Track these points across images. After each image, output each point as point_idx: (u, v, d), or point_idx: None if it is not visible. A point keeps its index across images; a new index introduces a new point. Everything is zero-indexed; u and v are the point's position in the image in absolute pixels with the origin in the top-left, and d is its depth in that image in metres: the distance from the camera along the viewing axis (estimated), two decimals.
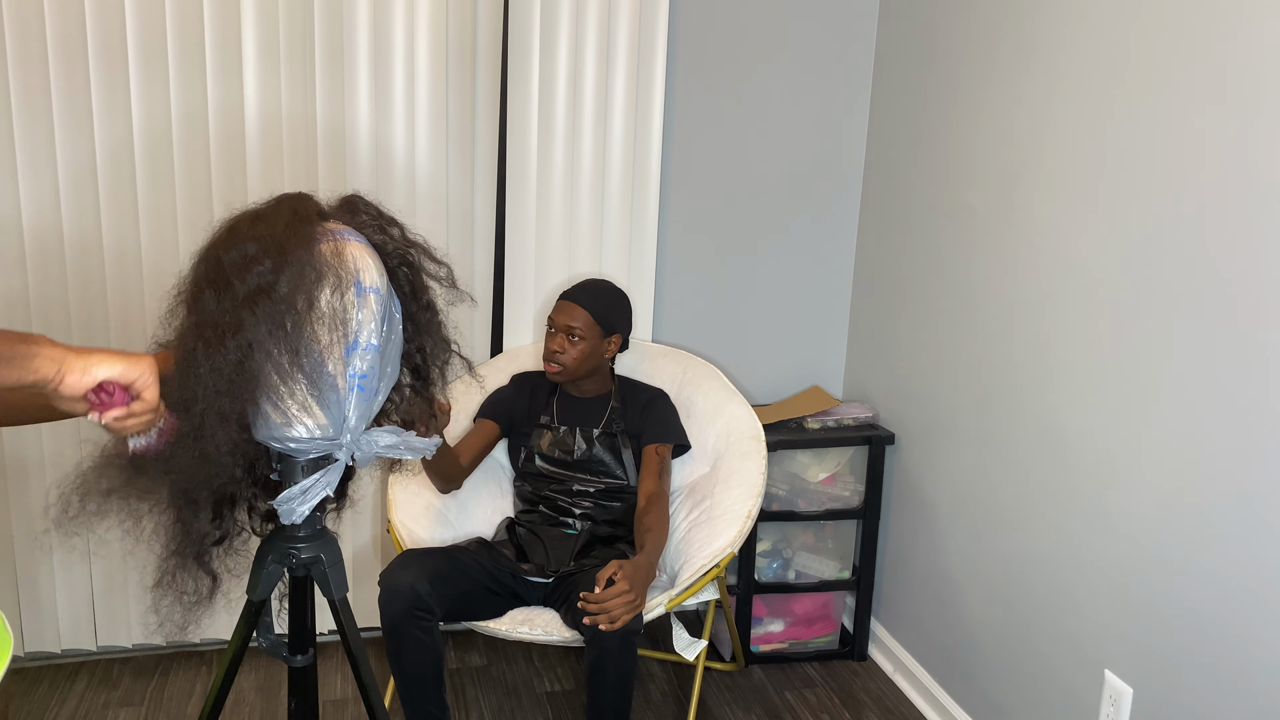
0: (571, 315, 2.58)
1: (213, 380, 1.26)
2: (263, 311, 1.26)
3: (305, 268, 1.29)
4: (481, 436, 2.66)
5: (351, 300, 1.32)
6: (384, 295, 1.37)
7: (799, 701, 2.87)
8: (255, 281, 1.28)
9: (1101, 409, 2.16)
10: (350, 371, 1.32)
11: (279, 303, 1.27)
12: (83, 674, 2.88)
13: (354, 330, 1.32)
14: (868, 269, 3.14)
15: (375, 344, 1.34)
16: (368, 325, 1.33)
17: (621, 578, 2.24)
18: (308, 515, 1.43)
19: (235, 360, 1.27)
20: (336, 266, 1.31)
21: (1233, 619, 1.86)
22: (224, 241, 1.32)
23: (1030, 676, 2.43)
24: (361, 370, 1.33)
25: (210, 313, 1.28)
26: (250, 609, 1.48)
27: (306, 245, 1.31)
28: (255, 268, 1.28)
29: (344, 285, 1.31)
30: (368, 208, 1.46)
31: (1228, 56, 1.83)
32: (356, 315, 1.32)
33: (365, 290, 1.33)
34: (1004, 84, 2.47)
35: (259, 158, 2.69)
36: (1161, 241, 1.99)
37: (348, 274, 1.32)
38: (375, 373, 1.35)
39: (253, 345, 1.27)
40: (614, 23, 2.83)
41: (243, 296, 1.27)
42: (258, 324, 1.26)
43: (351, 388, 1.33)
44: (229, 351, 1.26)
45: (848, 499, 3.00)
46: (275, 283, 1.27)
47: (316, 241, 1.33)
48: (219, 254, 1.31)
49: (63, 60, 2.55)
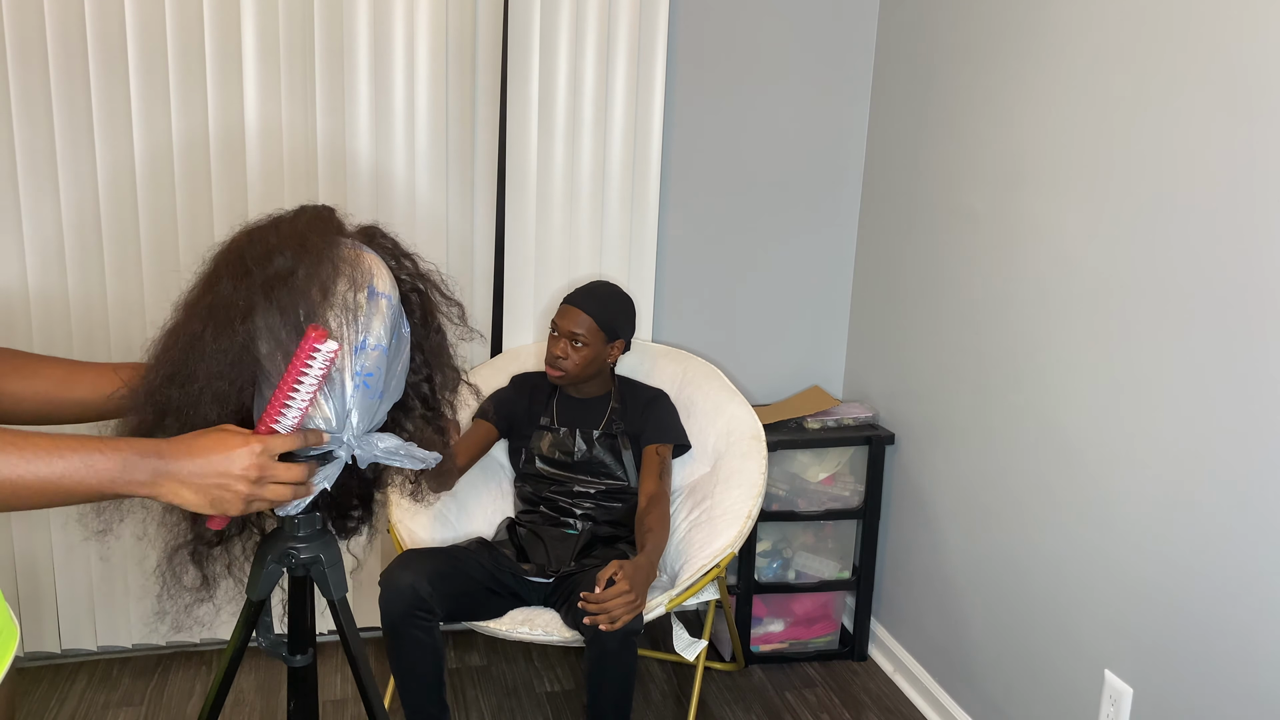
0: (576, 321, 2.58)
1: (215, 361, 1.27)
2: (278, 296, 1.27)
3: (324, 260, 1.30)
4: (479, 438, 2.65)
5: (364, 300, 1.32)
6: (395, 307, 1.37)
7: (799, 701, 2.87)
8: (273, 269, 1.28)
9: (1102, 409, 2.16)
10: (356, 368, 1.32)
11: (295, 289, 1.27)
12: (83, 674, 2.88)
13: (363, 328, 1.32)
14: (868, 269, 3.14)
15: (384, 346, 1.34)
16: (377, 327, 1.33)
17: (622, 578, 2.24)
18: (306, 516, 1.43)
19: (241, 343, 1.27)
20: (354, 266, 1.32)
21: (1233, 619, 1.86)
22: (244, 239, 1.34)
23: (1030, 676, 2.43)
24: (368, 369, 1.33)
25: (225, 295, 1.28)
26: (250, 609, 1.48)
27: (327, 242, 1.32)
28: (275, 257, 1.29)
29: (358, 285, 1.32)
30: (385, 239, 1.46)
31: (1229, 57, 1.83)
32: (368, 313, 1.33)
33: (378, 294, 1.34)
34: (1004, 84, 2.47)
35: (258, 162, 2.69)
36: (1162, 242, 1.99)
37: (363, 275, 1.33)
38: (381, 375, 1.35)
39: (263, 330, 1.27)
40: (614, 23, 2.83)
41: (260, 281, 1.28)
42: (271, 309, 1.27)
43: (357, 385, 1.33)
44: (237, 334, 1.27)
45: (848, 499, 3.00)
46: (294, 269, 1.28)
47: (337, 243, 1.34)
48: (240, 247, 1.32)
49: (64, 79, 2.55)
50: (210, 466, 1.17)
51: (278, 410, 1.26)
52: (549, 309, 2.97)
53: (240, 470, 1.19)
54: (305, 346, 1.24)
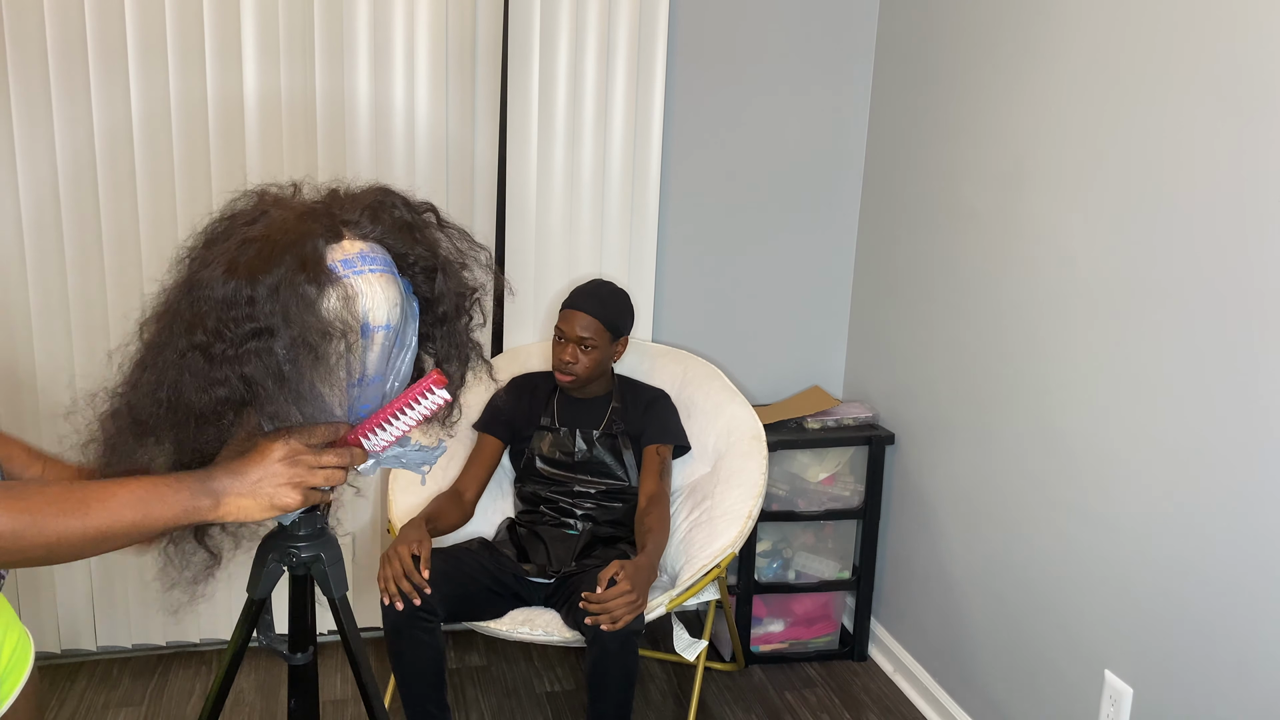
0: (583, 325, 2.58)
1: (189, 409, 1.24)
2: (257, 368, 1.21)
3: (308, 334, 1.22)
4: (487, 460, 2.67)
5: (358, 346, 1.26)
6: (395, 327, 1.31)
7: (799, 702, 2.87)
8: (251, 344, 1.21)
9: (1101, 409, 2.16)
10: (351, 402, 1.31)
11: (279, 361, 1.22)
12: (82, 674, 2.88)
13: (359, 370, 1.29)
14: (868, 269, 3.14)
15: (379, 376, 1.32)
16: (373, 362, 1.31)
17: (623, 578, 2.24)
18: (307, 515, 1.43)
19: (215, 401, 1.23)
20: (344, 319, 1.24)
21: (1232, 619, 1.86)
22: (221, 278, 1.22)
23: (1030, 676, 2.43)
24: (364, 400, 1.32)
25: (200, 360, 1.22)
26: (250, 607, 1.48)
27: (310, 306, 1.22)
28: (249, 325, 1.21)
29: (351, 336, 1.25)
30: (396, 204, 1.35)
31: (1228, 56, 1.83)
32: (363, 357, 1.28)
33: (373, 330, 1.27)
34: (1004, 84, 2.47)
35: (259, 163, 2.69)
36: (1161, 242, 1.99)
37: (356, 321, 1.25)
38: (377, 398, 1.34)
39: (245, 394, 1.23)
40: (614, 23, 2.83)
41: (237, 354, 1.21)
42: (252, 377, 1.22)
43: (353, 417, 1.32)
44: (213, 394, 1.23)
45: (848, 499, 3.00)
46: (272, 345, 1.21)
47: (324, 293, 1.23)
48: (214, 291, 1.22)
49: (61, 46, 2.54)
50: (254, 471, 1.24)
51: (370, 429, 1.31)
52: (549, 308, 2.97)
53: (279, 459, 1.24)
54: (424, 383, 1.30)
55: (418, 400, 1.30)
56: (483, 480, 2.66)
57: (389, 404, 1.31)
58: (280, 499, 1.24)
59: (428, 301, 1.39)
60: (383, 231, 1.32)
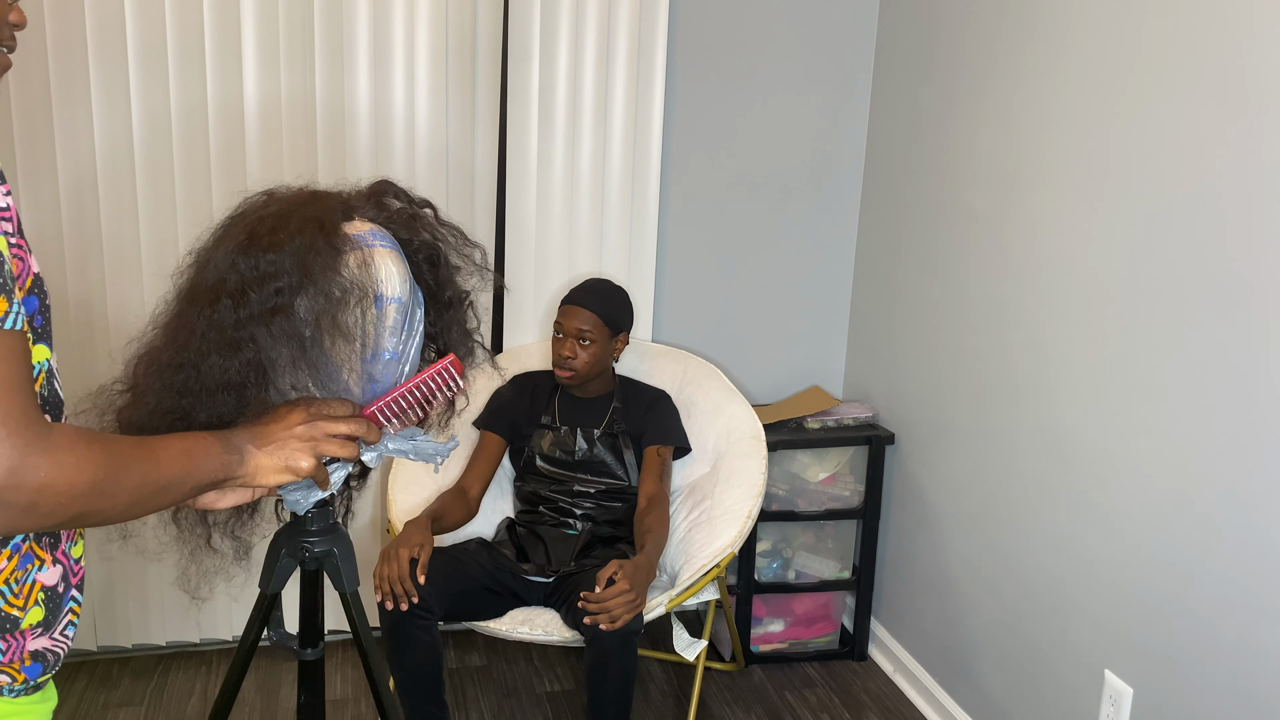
0: (581, 320, 2.58)
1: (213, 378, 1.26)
2: (279, 330, 1.24)
3: (329, 289, 1.25)
4: (489, 458, 2.67)
5: (373, 315, 1.29)
6: (405, 303, 1.34)
7: (799, 701, 2.87)
8: (273, 301, 1.24)
9: (1102, 409, 2.16)
10: (364, 380, 1.32)
11: (298, 324, 1.24)
12: (82, 674, 2.88)
13: (372, 344, 1.31)
14: (868, 269, 3.14)
15: (393, 352, 1.34)
16: (386, 336, 1.32)
17: (622, 577, 2.24)
18: (320, 510, 1.44)
19: (240, 366, 1.25)
20: (361, 282, 1.28)
21: (1232, 619, 1.86)
22: (242, 247, 1.27)
23: (1030, 676, 2.43)
24: (377, 378, 1.33)
25: (225, 324, 1.25)
26: (263, 602, 1.48)
27: (330, 264, 1.27)
28: (273, 284, 1.25)
29: (366, 303, 1.28)
30: (399, 194, 1.42)
31: (1230, 56, 1.83)
32: (376, 329, 1.31)
33: (386, 301, 1.30)
34: (1004, 84, 2.47)
35: (258, 163, 2.69)
36: (1162, 241, 1.99)
37: (371, 287, 1.29)
38: (390, 380, 1.35)
39: (266, 361, 1.26)
40: (614, 23, 2.83)
41: (259, 313, 1.24)
42: (274, 343, 1.25)
43: (365, 396, 1.33)
44: (238, 359, 1.25)
45: (848, 499, 3.00)
46: (294, 303, 1.24)
47: (341, 255, 1.28)
48: (236, 260, 1.27)
49: (61, 50, 2.55)
50: (275, 431, 1.25)
51: (385, 406, 1.34)
52: (549, 308, 2.97)
53: (299, 422, 1.26)
54: (440, 364, 1.33)
55: (434, 380, 1.33)
56: (487, 477, 2.66)
57: (404, 382, 1.34)
58: (295, 461, 1.25)
59: (431, 291, 1.42)
60: (387, 218, 1.39)
